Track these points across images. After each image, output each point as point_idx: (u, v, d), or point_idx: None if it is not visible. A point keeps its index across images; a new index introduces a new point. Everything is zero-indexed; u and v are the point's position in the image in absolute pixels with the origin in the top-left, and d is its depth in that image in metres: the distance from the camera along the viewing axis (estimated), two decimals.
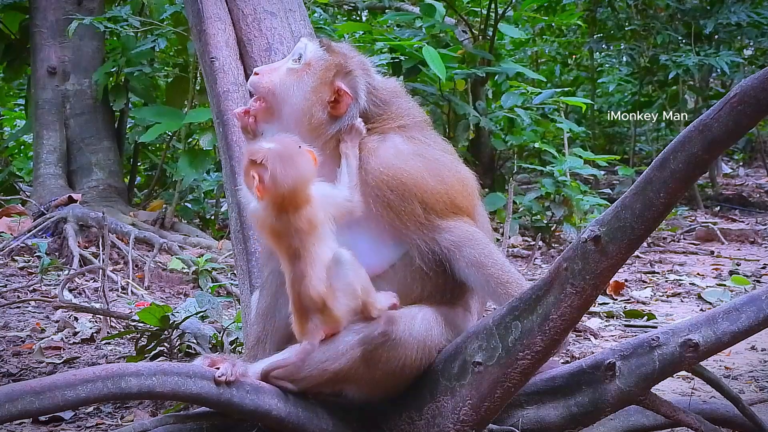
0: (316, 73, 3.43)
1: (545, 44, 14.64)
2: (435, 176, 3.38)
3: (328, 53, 3.48)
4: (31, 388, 2.97)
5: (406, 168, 3.35)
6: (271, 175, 3.13)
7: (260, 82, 3.45)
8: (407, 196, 3.32)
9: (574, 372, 3.42)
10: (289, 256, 3.20)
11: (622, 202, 2.98)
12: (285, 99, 3.42)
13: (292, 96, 3.41)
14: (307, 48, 3.48)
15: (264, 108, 3.44)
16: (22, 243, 7.88)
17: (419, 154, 3.41)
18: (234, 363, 3.24)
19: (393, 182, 3.32)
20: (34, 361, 5.10)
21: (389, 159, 3.36)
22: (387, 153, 3.38)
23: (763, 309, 3.26)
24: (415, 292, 3.40)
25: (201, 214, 9.87)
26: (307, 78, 3.43)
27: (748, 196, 12.69)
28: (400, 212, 3.32)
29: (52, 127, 9.41)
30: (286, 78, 3.44)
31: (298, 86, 3.42)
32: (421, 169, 3.37)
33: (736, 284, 7.46)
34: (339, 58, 3.47)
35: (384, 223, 3.34)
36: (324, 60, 3.46)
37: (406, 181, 3.33)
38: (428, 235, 3.33)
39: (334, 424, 3.37)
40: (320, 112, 3.39)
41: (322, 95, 3.40)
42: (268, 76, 3.45)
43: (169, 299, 6.79)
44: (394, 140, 3.42)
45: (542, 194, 9.08)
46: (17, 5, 10.10)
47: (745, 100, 2.75)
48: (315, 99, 3.40)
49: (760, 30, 11.96)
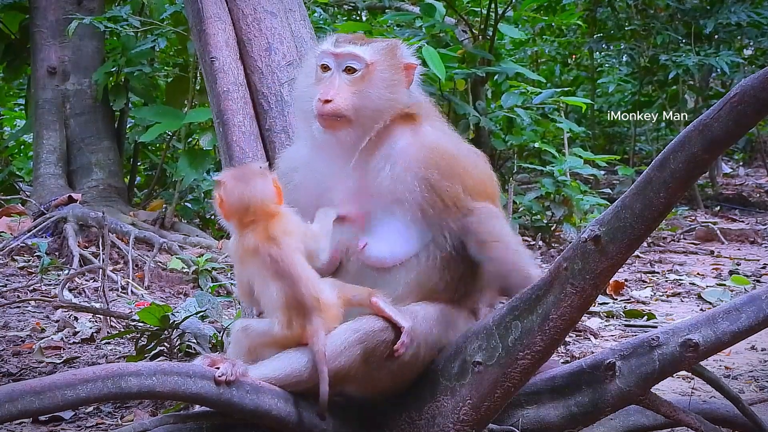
0: (385, 67, 3.46)
1: (545, 44, 14.63)
2: (473, 162, 3.53)
3: (374, 46, 3.49)
4: (31, 388, 2.97)
5: (454, 151, 3.47)
6: (226, 191, 3.34)
7: (338, 106, 3.40)
8: (453, 176, 3.41)
9: (574, 372, 3.43)
10: (272, 272, 3.25)
11: (622, 202, 2.98)
12: (368, 106, 3.42)
13: (374, 100, 3.43)
14: (359, 53, 3.44)
15: (341, 122, 3.43)
16: (22, 243, 7.88)
17: (460, 141, 3.59)
18: (234, 363, 3.24)
19: (442, 162, 3.41)
20: (34, 361, 5.10)
21: (439, 141, 3.47)
22: (436, 136, 3.49)
23: (763, 309, 3.26)
24: (431, 284, 3.42)
25: (201, 214, 9.86)
26: (381, 76, 3.45)
27: (748, 196, 12.69)
28: (443, 192, 3.38)
29: (52, 127, 9.41)
30: (358, 89, 3.43)
31: (376, 89, 3.44)
32: (465, 154, 3.52)
33: (736, 284, 7.46)
34: (386, 42, 3.53)
35: (422, 206, 3.38)
36: (380, 52, 3.47)
37: (453, 163, 3.42)
38: (460, 218, 3.41)
39: (334, 424, 3.37)
40: (404, 96, 3.48)
41: (400, 80, 3.47)
42: (341, 97, 3.41)
43: (169, 299, 6.79)
44: (441, 126, 3.56)
45: (542, 194, 9.08)
46: (17, 5, 10.10)
47: (745, 99, 2.75)
48: (396, 89, 3.46)
49: (760, 30, 11.95)
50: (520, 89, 9.89)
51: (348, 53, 3.44)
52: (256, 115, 4.45)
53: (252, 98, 4.46)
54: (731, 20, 11.50)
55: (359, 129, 3.42)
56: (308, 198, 3.54)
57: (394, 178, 3.40)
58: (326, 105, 3.39)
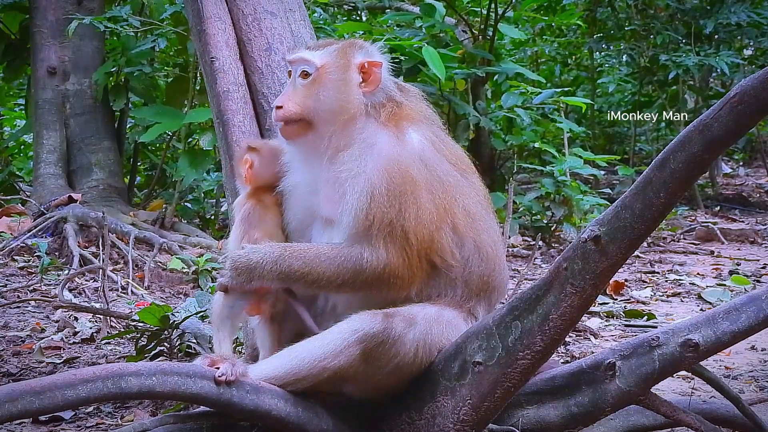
0: (334, 69, 3.47)
1: (545, 44, 14.63)
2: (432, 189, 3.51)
3: (327, 49, 3.50)
4: (31, 388, 2.97)
5: (407, 166, 3.39)
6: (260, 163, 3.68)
7: (288, 110, 3.47)
8: (401, 194, 3.36)
9: (574, 372, 3.43)
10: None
11: (622, 202, 2.98)
12: (320, 108, 3.45)
13: (325, 102, 3.45)
14: (308, 57, 3.48)
15: (299, 127, 3.48)
16: (22, 243, 7.88)
17: (444, 152, 3.55)
18: (234, 363, 3.24)
19: (396, 179, 3.36)
20: (34, 361, 5.10)
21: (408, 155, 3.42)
22: (411, 147, 3.44)
23: (763, 309, 3.26)
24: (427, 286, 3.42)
25: (201, 214, 9.87)
26: (330, 78, 3.46)
27: (748, 196, 12.69)
28: (375, 211, 3.35)
29: (52, 127, 9.41)
30: (310, 93, 3.46)
31: (326, 91, 3.45)
32: (422, 168, 3.45)
33: (736, 284, 7.46)
34: (340, 44, 3.54)
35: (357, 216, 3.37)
36: (331, 54, 3.48)
37: (404, 188, 3.37)
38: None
39: (334, 424, 3.37)
40: (357, 96, 3.47)
41: (352, 81, 3.46)
42: (292, 102, 3.47)
43: (169, 299, 6.79)
44: (426, 132, 3.51)
45: (542, 194, 9.08)
46: (17, 5, 10.10)
47: (745, 99, 2.75)
48: (347, 89, 3.45)
49: (760, 30, 11.96)
50: (520, 89, 9.89)
51: (299, 58, 3.52)
52: (256, 115, 4.44)
53: (252, 98, 4.45)
54: (731, 20, 11.50)
55: (318, 132, 3.46)
56: (300, 204, 3.59)
57: (354, 182, 3.38)
58: (278, 111, 3.49)
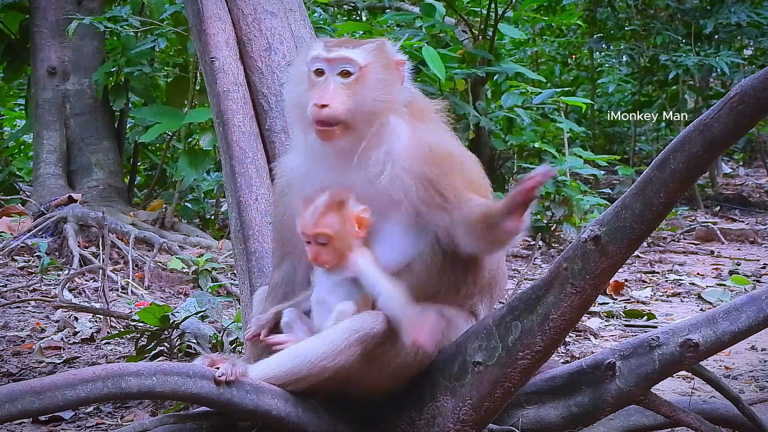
0: (378, 68, 3.42)
1: (545, 44, 14.63)
2: (470, 162, 3.53)
3: (366, 47, 3.45)
4: (31, 388, 2.97)
5: (452, 149, 3.45)
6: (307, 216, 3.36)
7: (336, 110, 3.34)
8: (453, 172, 3.37)
9: (574, 372, 3.43)
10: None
11: (622, 202, 2.98)
12: (363, 109, 3.37)
13: (368, 102, 3.38)
14: (352, 56, 3.40)
15: (340, 128, 3.37)
16: (22, 243, 7.88)
17: (456, 140, 3.56)
18: (234, 363, 3.24)
19: (441, 159, 3.38)
20: (34, 361, 5.10)
21: (438, 140, 3.44)
22: (435, 134, 3.46)
23: (763, 309, 3.26)
24: (432, 286, 3.40)
25: (201, 214, 9.87)
26: (375, 77, 3.40)
27: (748, 196, 12.69)
28: (443, 187, 3.34)
29: (52, 127, 9.41)
30: (353, 92, 3.38)
31: (370, 91, 3.39)
32: (462, 153, 3.51)
33: (736, 284, 7.46)
34: (375, 42, 3.49)
35: (418, 205, 3.35)
36: (372, 52, 3.43)
37: (452, 161, 3.40)
38: (456, 211, 3.34)
39: (334, 424, 3.37)
40: (399, 95, 3.45)
41: (394, 78, 3.44)
42: (337, 101, 3.34)
43: (169, 299, 6.79)
44: (438, 125, 3.52)
45: (542, 194, 9.07)
46: (17, 5, 10.10)
47: (745, 99, 2.75)
48: (391, 89, 3.42)
49: (760, 30, 11.96)
50: (520, 89, 9.89)
51: (341, 57, 3.39)
52: (256, 115, 4.45)
53: (252, 98, 4.46)
54: (731, 20, 11.50)
55: (356, 134, 3.37)
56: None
57: (393, 178, 3.36)
58: (323, 110, 3.32)
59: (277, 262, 3.65)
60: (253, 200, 4.27)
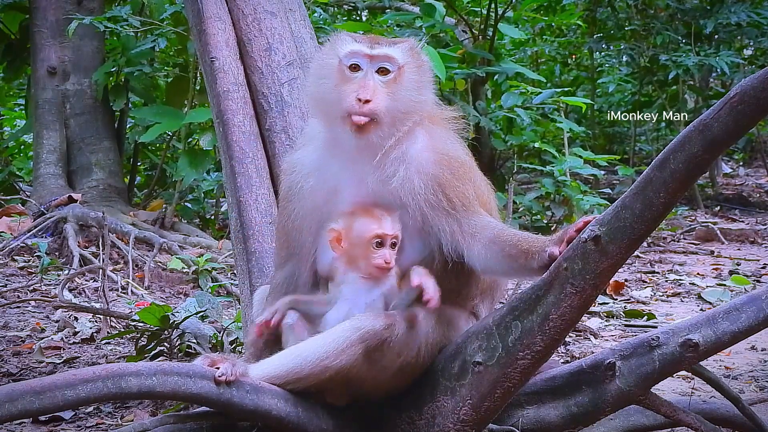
0: (414, 68, 3.42)
1: (545, 44, 14.63)
2: (480, 175, 3.56)
3: (402, 46, 3.44)
4: (31, 388, 2.97)
5: (466, 158, 3.47)
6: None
7: (378, 105, 3.33)
8: (465, 180, 3.39)
9: (574, 372, 3.43)
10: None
11: (622, 202, 2.98)
12: (397, 108, 3.37)
13: (403, 101, 3.38)
14: (392, 54, 3.39)
15: (374, 124, 3.35)
16: (22, 243, 7.88)
17: (467, 148, 3.57)
18: (234, 363, 3.24)
19: (455, 165, 3.39)
20: (34, 361, 5.10)
21: (454, 147, 3.46)
22: (450, 141, 3.47)
23: (763, 309, 3.26)
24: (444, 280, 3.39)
25: (201, 214, 9.88)
26: (411, 78, 3.41)
27: (748, 196, 12.68)
28: (452, 192, 3.35)
29: (52, 127, 9.41)
30: (390, 90, 3.37)
31: (406, 91, 3.39)
32: (473, 165, 3.53)
33: (736, 284, 7.46)
34: (408, 42, 3.48)
35: (424, 208, 3.35)
36: (408, 52, 3.43)
37: (465, 169, 3.43)
38: (464, 220, 3.35)
39: (334, 424, 3.37)
40: (430, 97, 3.47)
41: (428, 81, 3.45)
42: (379, 97, 3.34)
43: (169, 299, 6.79)
44: (450, 132, 3.53)
45: (542, 194, 9.08)
46: (17, 5, 10.11)
47: (745, 99, 2.75)
48: (425, 90, 3.44)
49: (760, 30, 11.95)
50: (520, 89, 9.89)
51: (383, 54, 3.37)
52: (256, 115, 4.45)
53: (252, 98, 4.46)
54: (731, 20, 11.50)
55: (386, 131, 3.36)
56: (319, 202, 3.48)
57: (404, 180, 3.36)
58: (365, 105, 3.31)
59: (280, 262, 3.63)
60: (253, 200, 4.27)
